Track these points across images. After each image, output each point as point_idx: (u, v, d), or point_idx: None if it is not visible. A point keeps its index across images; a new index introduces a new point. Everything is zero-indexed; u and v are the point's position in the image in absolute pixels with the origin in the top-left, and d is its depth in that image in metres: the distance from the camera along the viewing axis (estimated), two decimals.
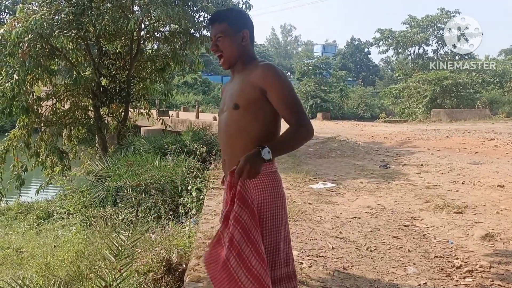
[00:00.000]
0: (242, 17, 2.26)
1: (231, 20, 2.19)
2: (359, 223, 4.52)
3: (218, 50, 2.19)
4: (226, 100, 2.21)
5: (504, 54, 49.55)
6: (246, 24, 2.23)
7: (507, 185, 6.04)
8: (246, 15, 2.30)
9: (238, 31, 2.18)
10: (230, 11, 2.33)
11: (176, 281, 3.40)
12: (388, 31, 37.99)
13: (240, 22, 2.21)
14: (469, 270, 3.38)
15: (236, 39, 2.18)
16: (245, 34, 2.19)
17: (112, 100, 11.59)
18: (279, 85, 2.04)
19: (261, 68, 2.07)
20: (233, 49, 2.18)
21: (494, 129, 13.37)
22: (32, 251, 6.48)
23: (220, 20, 2.19)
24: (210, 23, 2.26)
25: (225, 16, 2.22)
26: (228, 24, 2.17)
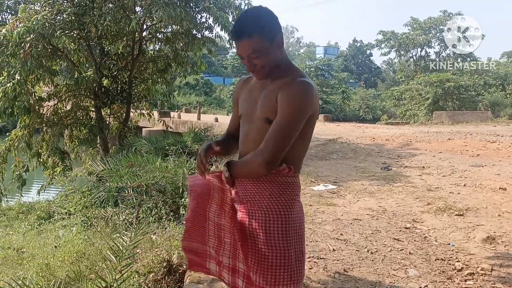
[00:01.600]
0: (273, 20, 1.89)
1: (263, 30, 1.83)
2: (360, 225, 4.51)
3: (256, 69, 1.89)
4: (256, 109, 1.96)
5: (506, 57, 49.52)
6: (277, 26, 1.90)
7: (508, 187, 6.02)
8: (273, 15, 1.91)
9: (272, 40, 1.85)
10: (259, 16, 1.89)
11: (177, 282, 3.40)
12: (390, 33, 37.97)
13: (273, 28, 1.87)
14: (471, 273, 3.37)
15: (273, 50, 1.87)
16: (279, 39, 1.88)
17: (114, 101, 11.60)
18: (286, 111, 1.82)
19: (292, 89, 1.82)
20: (272, 61, 1.88)
21: (496, 132, 13.36)
22: (32, 251, 6.48)
23: (251, 33, 1.82)
24: (237, 39, 1.86)
25: (256, 26, 1.83)
26: (261, 37, 1.82)
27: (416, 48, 38.26)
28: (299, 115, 1.83)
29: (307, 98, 1.82)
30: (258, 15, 1.89)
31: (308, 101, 1.83)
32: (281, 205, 1.94)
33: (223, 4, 10.57)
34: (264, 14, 1.89)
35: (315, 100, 1.87)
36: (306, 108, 1.83)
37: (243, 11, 2.01)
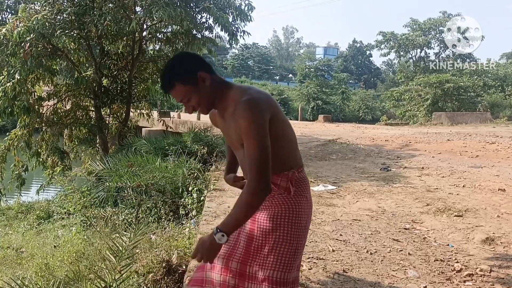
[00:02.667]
0: (186, 62, 2.03)
1: (182, 77, 1.98)
2: (359, 225, 4.51)
3: (195, 108, 2.06)
4: (232, 139, 2.10)
5: (505, 58, 49.53)
6: (195, 64, 2.03)
7: (508, 188, 6.03)
8: (189, 57, 2.06)
9: (195, 79, 1.98)
10: (172, 67, 2.03)
11: (176, 283, 3.40)
12: (390, 34, 37.94)
13: (189, 70, 2.00)
14: (470, 274, 3.38)
15: (199, 88, 1.99)
16: (202, 75, 1.99)
17: (114, 101, 11.59)
18: (244, 130, 1.90)
19: (239, 114, 1.90)
20: (204, 97, 2.01)
21: (495, 133, 13.37)
22: (32, 251, 6.48)
23: (173, 84, 1.99)
24: (165, 92, 2.09)
25: (174, 76, 1.99)
26: (182, 83, 1.98)
27: (416, 49, 38.24)
28: (258, 130, 1.88)
29: (255, 111, 1.89)
30: (173, 65, 2.03)
31: (258, 113, 1.89)
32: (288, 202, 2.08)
33: (223, 4, 10.56)
34: (179, 61, 2.04)
35: (266, 105, 1.95)
36: (259, 119, 1.89)
37: (166, 64, 2.10)
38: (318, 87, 43.68)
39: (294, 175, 2.09)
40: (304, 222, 2.12)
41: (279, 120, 2.03)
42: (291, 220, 2.08)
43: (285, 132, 2.08)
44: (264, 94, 2.02)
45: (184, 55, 2.08)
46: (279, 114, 2.04)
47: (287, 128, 2.10)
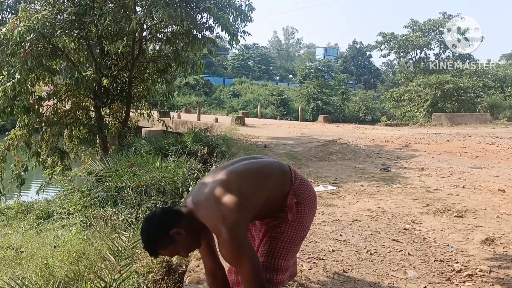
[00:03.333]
0: (156, 229, 2.09)
1: (158, 245, 2.08)
2: (359, 226, 4.51)
3: (187, 253, 2.20)
4: None
5: (505, 59, 49.56)
6: (163, 225, 2.07)
7: (507, 189, 6.03)
8: (154, 222, 2.11)
9: (171, 239, 2.06)
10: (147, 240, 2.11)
11: (176, 283, 3.40)
12: (390, 35, 37.98)
13: (162, 236, 2.07)
14: (469, 274, 3.38)
15: (180, 242, 2.08)
16: (174, 232, 2.06)
17: (114, 101, 11.58)
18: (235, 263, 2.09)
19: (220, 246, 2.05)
20: (188, 244, 2.13)
21: (495, 134, 13.37)
22: (31, 251, 6.48)
23: (156, 253, 2.14)
24: (155, 257, 2.40)
25: (153, 248, 2.10)
26: (164, 248, 2.09)
27: (416, 50, 38.27)
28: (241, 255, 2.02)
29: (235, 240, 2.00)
30: (147, 238, 2.11)
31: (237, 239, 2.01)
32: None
33: (224, 4, 10.56)
34: (150, 231, 2.10)
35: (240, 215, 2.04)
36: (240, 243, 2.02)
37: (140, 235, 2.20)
38: (318, 88, 43.73)
39: (292, 200, 2.26)
40: (304, 223, 2.32)
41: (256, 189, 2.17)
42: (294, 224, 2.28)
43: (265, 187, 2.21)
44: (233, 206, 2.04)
45: (150, 223, 2.12)
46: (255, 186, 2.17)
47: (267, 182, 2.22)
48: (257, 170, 2.27)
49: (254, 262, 2.03)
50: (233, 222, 1.99)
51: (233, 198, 2.04)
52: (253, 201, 2.12)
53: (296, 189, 2.27)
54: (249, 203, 2.09)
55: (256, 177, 2.21)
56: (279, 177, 2.27)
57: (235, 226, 1.99)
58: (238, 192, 2.06)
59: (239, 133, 13.74)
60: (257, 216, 2.22)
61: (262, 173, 2.25)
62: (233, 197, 2.04)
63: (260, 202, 2.16)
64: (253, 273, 2.02)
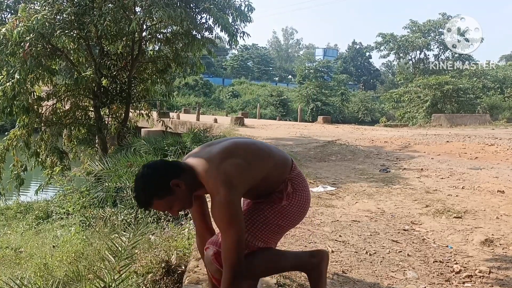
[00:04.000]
0: (156, 176, 2.03)
1: (157, 192, 2.00)
2: (358, 226, 4.51)
3: (179, 211, 2.14)
4: None
5: (504, 60, 49.64)
6: (165, 174, 2.02)
7: (507, 190, 6.03)
8: (155, 169, 2.05)
9: (169, 190, 2.00)
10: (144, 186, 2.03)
11: (175, 283, 3.40)
12: (389, 36, 38.03)
13: (161, 184, 2.00)
14: (469, 275, 3.38)
15: (178, 193, 2.02)
16: (174, 183, 2.00)
17: (113, 101, 11.59)
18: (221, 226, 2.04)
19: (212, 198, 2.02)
20: (184, 200, 2.06)
21: (494, 135, 13.37)
22: (30, 251, 6.47)
23: (150, 202, 2.03)
24: (146, 209, 2.20)
25: (149, 194, 2.01)
26: (159, 197, 2.01)
27: (415, 51, 38.33)
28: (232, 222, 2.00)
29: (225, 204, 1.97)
30: (144, 183, 2.04)
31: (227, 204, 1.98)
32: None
33: (223, 5, 10.57)
34: (149, 177, 2.03)
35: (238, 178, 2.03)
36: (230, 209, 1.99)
37: (134, 184, 2.12)
38: (317, 88, 43.76)
39: (287, 185, 2.24)
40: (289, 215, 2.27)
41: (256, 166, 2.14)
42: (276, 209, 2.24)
43: (264, 166, 2.19)
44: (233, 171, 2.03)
45: (151, 169, 2.05)
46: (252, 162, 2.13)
47: (263, 161, 2.21)
48: (262, 146, 2.31)
49: (241, 233, 2.01)
50: (233, 186, 1.98)
51: (237, 161, 2.05)
52: (253, 172, 2.12)
53: (293, 178, 2.27)
54: (249, 173, 2.09)
55: (260, 151, 2.24)
56: (280, 161, 2.28)
57: (233, 190, 1.98)
58: (242, 158, 2.08)
59: (238, 133, 13.74)
60: (251, 192, 2.19)
61: (265, 150, 2.28)
62: (238, 160, 2.05)
63: (259, 177, 2.14)
64: (236, 244, 1.99)
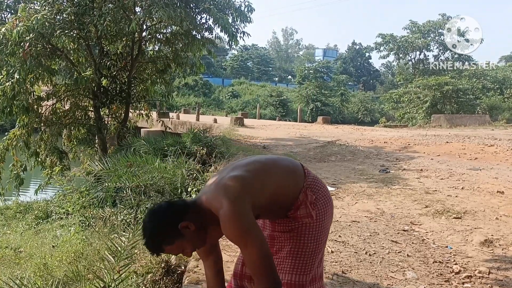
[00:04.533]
0: (164, 222, 1.90)
1: (167, 238, 1.88)
2: (358, 227, 4.51)
3: (193, 251, 1.99)
4: None
5: (504, 61, 49.66)
6: (172, 218, 1.89)
7: (506, 191, 6.04)
8: (161, 214, 1.91)
9: (179, 234, 1.88)
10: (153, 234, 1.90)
11: (175, 283, 3.40)
12: (389, 36, 38.04)
13: (170, 230, 1.88)
14: (468, 276, 3.38)
15: (188, 235, 1.89)
16: (183, 225, 1.88)
17: (113, 101, 11.58)
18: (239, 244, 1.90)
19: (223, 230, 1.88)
20: (196, 240, 1.93)
21: (494, 135, 13.37)
22: (30, 251, 6.47)
23: (162, 249, 1.91)
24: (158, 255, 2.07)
25: (158, 243, 1.90)
26: (170, 243, 1.89)
27: (415, 51, 38.36)
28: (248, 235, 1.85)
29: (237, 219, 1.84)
30: (152, 231, 1.90)
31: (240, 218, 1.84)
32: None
33: (223, 5, 10.57)
34: (157, 224, 1.89)
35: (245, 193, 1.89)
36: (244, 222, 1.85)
37: (142, 230, 1.95)
38: (317, 89, 43.76)
39: (307, 194, 2.08)
40: (325, 224, 2.13)
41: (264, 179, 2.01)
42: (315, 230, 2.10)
43: (274, 177, 2.06)
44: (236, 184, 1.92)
45: (157, 216, 1.92)
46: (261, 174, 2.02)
47: (272, 171, 2.08)
48: (264, 159, 2.22)
49: (262, 245, 1.85)
50: (236, 196, 1.85)
51: (236, 173, 1.95)
52: (260, 181, 1.98)
53: (310, 185, 2.12)
54: (253, 181, 1.95)
55: (263, 163, 2.11)
56: (288, 167, 2.14)
57: (238, 200, 1.85)
58: (243, 170, 1.98)
59: (238, 133, 13.74)
60: (267, 211, 2.05)
61: (269, 160, 2.18)
62: (236, 173, 1.96)
63: (269, 190, 1.99)
64: (261, 257, 1.84)
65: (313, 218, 2.06)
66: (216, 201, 1.88)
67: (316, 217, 2.07)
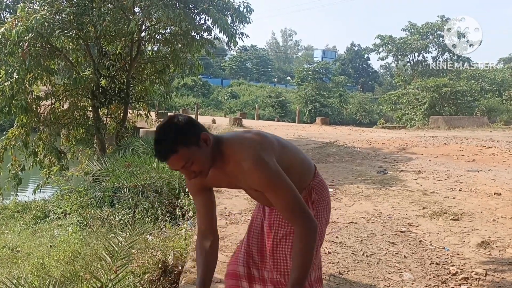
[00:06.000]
0: (189, 125, 1.86)
1: (183, 140, 1.81)
2: (355, 228, 4.52)
3: (196, 172, 1.87)
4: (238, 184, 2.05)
5: (503, 63, 49.70)
6: (199, 126, 1.89)
7: (504, 193, 6.04)
8: (186, 120, 1.87)
9: (198, 141, 1.84)
10: (174, 132, 1.82)
11: (172, 283, 3.40)
12: (388, 38, 38.06)
13: (192, 133, 1.85)
14: (465, 277, 3.39)
15: (203, 150, 1.85)
16: (204, 136, 1.85)
17: (111, 101, 11.59)
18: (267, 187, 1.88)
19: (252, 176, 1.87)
20: (206, 160, 1.87)
21: (492, 137, 13.38)
22: (27, 250, 6.47)
23: (176, 149, 1.79)
24: (165, 159, 1.83)
25: (177, 140, 1.80)
26: (187, 146, 1.80)
27: (414, 53, 38.36)
28: (278, 179, 1.86)
29: (265, 165, 1.85)
30: (173, 129, 1.84)
31: (267, 164, 1.86)
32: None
33: (222, 6, 10.58)
34: (178, 124, 1.84)
35: (268, 149, 1.91)
36: (273, 168, 1.86)
37: (157, 131, 1.87)
38: (316, 90, 43.80)
39: (311, 193, 2.10)
40: (320, 228, 2.11)
41: (281, 150, 2.01)
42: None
43: (289, 155, 2.06)
44: (259, 137, 1.96)
45: (183, 117, 1.89)
46: (278, 146, 2.02)
47: (288, 150, 2.09)
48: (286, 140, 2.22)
49: (292, 187, 1.87)
50: (262, 145, 1.90)
51: (261, 133, 2.01)
52: (279, 149, 2.00)
53: (316, 186, 2.13)
54: (275, 144, 2.00)
55: (285, 140, 2.14)
56: (305, 159, 2.15)
57: (264, 148, 1.88)
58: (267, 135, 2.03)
59: None
60: None
61: (290, 143, 2.18)
62: (262, 134, 2.01)
63: (283, 162, 1.95)
64: (293, 197, 1.86)
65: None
66: (239, 148, 1.90)
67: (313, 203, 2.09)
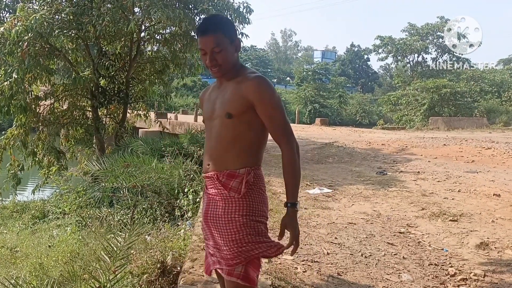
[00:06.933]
0: (233, 25, 2.23)
1: (225, 30, 2.09)
2: (354, 229, 4.52)
3: (215, 63, 2.08)
4: (216, 107, 2.15)
5: (502, 64, 49.70)
6: (237, 32, 2.25)
7: (503, 194, 6.05)
8: (233, 23, 2.30)
9: (233, 41, 2.10)
10: (222, 20, 2.17)
11: (170, 284, 3.40)
12: (387, 38, 38.04)
13: (233, 31, 2.15)
14: (463, 278, 3.39)
15: (231, 50, 2.10)
16: (238, 43, 2.13)
17: (111, 101, 11.58)
18: (268, 102, 2.06)
19: (253, 82, 2.05)
20: (230, 60, 2.10)
21: (491, 138, 13.39)
22: (26, 250, 6.46)
23: (216, 29, 2.06)
24: (203, 33, 2.08)
25: (220, 25, 2.09)
26: (225, 34, 2.07)
27: (413, 54, 38.34)
28: (279, 102, 2.10)
29: (270, 85, 2.08)
30: (222, 18, 2.24)
31: (272, 87, 2.09)
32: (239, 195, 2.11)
33: (222, 6, 10.58)
34: (227, 19, 2.29)
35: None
36: (276, 93, 2.10)
37: (210, 15, 2.40)
38: (315, 91, 43.84)
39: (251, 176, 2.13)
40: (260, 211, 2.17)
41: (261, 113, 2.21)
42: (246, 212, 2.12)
43: (266, 135, 2.22)
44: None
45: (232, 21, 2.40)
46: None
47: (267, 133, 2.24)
48: None
49: (285, 113, 2.15)
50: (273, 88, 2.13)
51: None
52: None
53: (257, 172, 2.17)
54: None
55: None
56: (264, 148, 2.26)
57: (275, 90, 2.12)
58: None
59: None
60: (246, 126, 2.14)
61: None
62: None
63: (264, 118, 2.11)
64: (286, 120, 2.13)
65: (239, 195, 2.09)
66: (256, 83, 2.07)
67: (242, 196, 2.09)
